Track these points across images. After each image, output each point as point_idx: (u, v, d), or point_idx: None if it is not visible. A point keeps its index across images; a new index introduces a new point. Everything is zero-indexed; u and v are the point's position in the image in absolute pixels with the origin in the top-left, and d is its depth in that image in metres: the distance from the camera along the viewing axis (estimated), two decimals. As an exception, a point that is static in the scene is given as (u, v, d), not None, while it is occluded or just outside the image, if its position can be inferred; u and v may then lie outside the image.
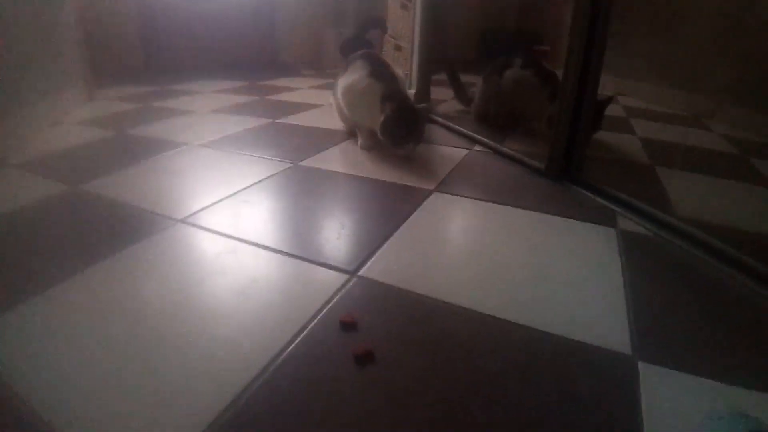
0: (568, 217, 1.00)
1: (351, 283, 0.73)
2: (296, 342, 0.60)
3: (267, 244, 0.85)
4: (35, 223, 0.94)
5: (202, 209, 0.99)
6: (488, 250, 0.86)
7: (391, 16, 2.47)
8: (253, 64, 3.27)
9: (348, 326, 0.63)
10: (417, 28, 1.91)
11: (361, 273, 0.76)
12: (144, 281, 0.74)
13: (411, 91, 2.00)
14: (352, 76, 1.41)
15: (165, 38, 3.01)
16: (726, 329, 0.66)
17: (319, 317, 0.65)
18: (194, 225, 0.93)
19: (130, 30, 2.87)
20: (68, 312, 0.66)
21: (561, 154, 1.18)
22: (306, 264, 0.79)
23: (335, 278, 0.74)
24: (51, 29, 1.79)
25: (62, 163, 1.30)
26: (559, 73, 1.14)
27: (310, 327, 0.63)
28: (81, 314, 0.65)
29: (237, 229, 0.91)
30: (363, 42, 3.09)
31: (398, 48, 2.41)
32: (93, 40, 2.30)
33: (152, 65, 3.00)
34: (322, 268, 0.77)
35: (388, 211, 1.01)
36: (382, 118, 1.26)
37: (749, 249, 0.83)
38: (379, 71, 1.38)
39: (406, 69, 2.25)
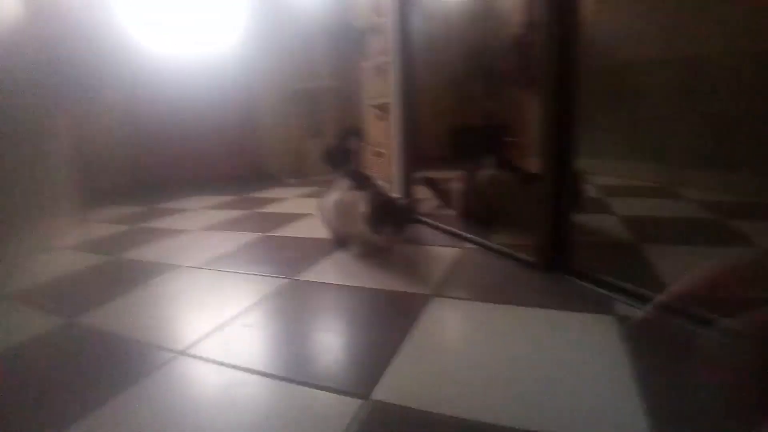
0: (567, 310, 1.01)
1: (365, 411, 0.72)
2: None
3: (274, 372, 0.84)
4: (30, 364, 0.92)
5: (203, 338, 0.98)
6: (496, 355, 0.86)
7: (369, 125, 2.64)
8: (239, 176, 3.39)
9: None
10: (396, 137, 2.03)
11: (373, 396, 0.75)
12: (150, 425, 0.71)
13: (395, 196, 2.08)
14: (339, 192, 1.51)
15: (152, 155, 3.14)
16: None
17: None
18: (196, 356, 0.91)
19: (119, 150, 2.99)
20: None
21: (549, 245, 1.22)
22: (318, 392, 0.77)
23: (349, 405, 0.73)
24: (42, 151, 1.85)
25: (56, 293, 1.30)
26: (537, 161, 1.21)
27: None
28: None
29: (241, 357, 0.90)
30: (344, 150, 3.27)
31: (378, 154, 2.54)
32: (82, 161, 2.38)
33: (140, 183, 3.08)
34: (334, 395, 0.76)
35: (391, 322, 1.01)
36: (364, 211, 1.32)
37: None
38: (362, 184, 1.47)
39: (388, 174, 2.36)
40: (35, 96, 1.83)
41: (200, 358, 0.91)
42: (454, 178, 1.93)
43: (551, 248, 1.22)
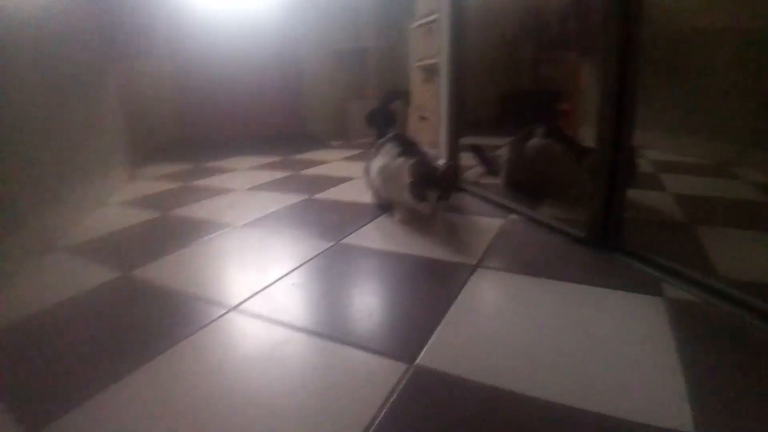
0: (614, 289, 0.99)
1: (409, 374, 0.73)
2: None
3: (321, 331, 0.87)
4: (88, 314, 0.98)
5: (253, 295, 1.02)
6: (541, 329, 0.85)
7: (415, 87, 2.59)
8: (283, 136, 3.43)
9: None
10: (444, 102, 1.99)
11: (418, 361, 0.76)
12: (203, 376, 0.75)
13: (441, 162, 2.06)
14: (384, 157, 1.49)
15: (199, 114, 3.20)
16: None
17: (383, 412, 0.65)
18: (247, 313, 0.95)
19: (167, 107, 3.07)
20: (129, 413, 0.68)
21: (600, 221, 1.19)
22: (363, 353, 0.80)
23: (394, 368, 0.75)
24: (96, 110, 1.92)
25: (111, 247, 1.37)
26: (594, 132, 1.16)
27: (375, 425, 0.63)
28: (143, 415, 0.67)
29: (290, 315, 0.93)
30: (387, 113, 3.23)
31: (423, 118, 2.50)
32: (132, 118, 2.46)
33: (187, 141, 3.17)
34: (380, 357, 0.78)
35: (435, 291, 1.02)
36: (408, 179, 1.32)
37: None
38: (409, 150, 1.45)
39: (433, 139, 2.32)
40: (85, 54, 1.88)
41: (250, 314, 0.95)
42: (502, 146, 1.89)
43: (602, 224, 1.19)
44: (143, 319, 0.95)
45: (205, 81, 3.19)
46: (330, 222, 1.51)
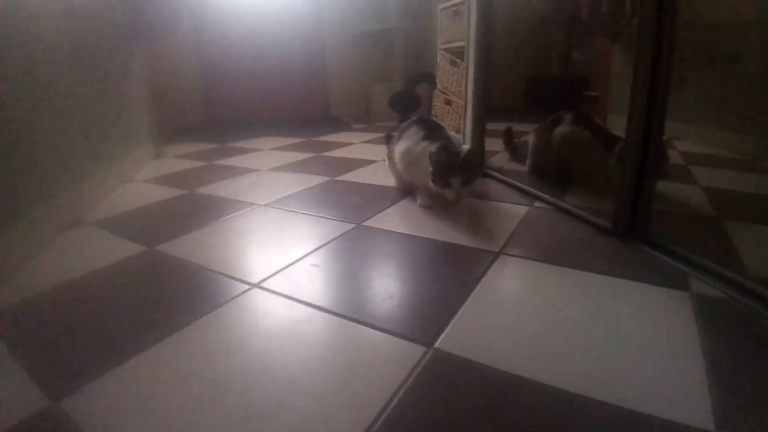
0: (639, 281, 0.97)
1: (428, 357, 0.74)
2: (379, 422, 0.61)
3: (341, 312, 0.87)
4: (115, 287, 1.01)
5: (275, 273, 1.03)
6: (563, 319, 0.84)
7: (440, 71, 2.55)
8: (306, 118, 3.43)
9: None
10: (470, 86, 1.96)
11: (437, 345, 0.76)
12: (225, 351, 0.77)
13: (465, 147, 2.03)
14: (408, 141, 1.47)
15: (223, 94, 3.22)
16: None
17: (401, 393, 0.65)
18: (269, 290, 0.96)
19: (191, 86, 3.09)
20: (151, 384, 0.69)
21: (627, 212, 1.16)
22: (382, 334, 0.80)
23: (413, 351, 0.75)
24: (122, 88, 1.95)
25: (137, 222, 1.40)
26: (622, 121, 1.13)
27: (392, 405, 0.63)
28: (164, 386, 0.69)
29: (311, 294, 0.94)
30: (412, 96, 3.20)
31: (448, 102, 2.47)
32: (157, 97, 2.49)
33: (211, 120, 3.19)
34: (398, 339, 0.78)
35: (456, 276, 1.02)
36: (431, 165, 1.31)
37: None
38: (433, 134, 1.43)
39: (459, 124, 2.29)
40: (112, 32, 1.90)
41: (272, 291, 0.96)
42: (528, 132, 1.86)
43: (629, 215, 1.16)
44: (167, 292, 0.97)
45: (229, 62, 3.20)
46: (352, 204, 1.51)
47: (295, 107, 3.45)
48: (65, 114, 1.41)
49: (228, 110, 3.27)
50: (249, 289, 0.97)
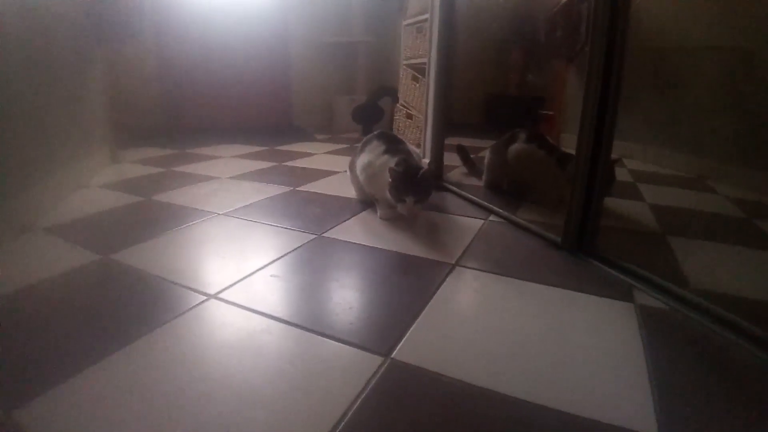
0: (587, 293, 1.02)
1: (385, 367, 0.75)
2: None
3: (300, 323, 0.88)
4: (68, 297, 0.97)
5: (233, 284, 1.03)
6: (514, 329, 0.88)
7: (403, 85, 2.60)
8: (269, 127, 3.40)
9: None
10: (431, 101, 2.01)
11: (394, 355, 0.78)
12: (181, 362, 0.76)
13: (425, 161, 2.08)
14: (369, 155, 1.51)
15: (185, 100, 3.15)
16: (744, 406, 0.68)
17: (358, 403, 0.67)
18: (226, 301, 0.95)
19: (152, 91, 3.01)
20: (105, 396, 0.67)
21: (576, 227, 1.22)
22: (340, 345, 0.81)
23: (370, 361, 0.77)
24: (80, 92, 1.89)
25: (91, 230, 1.35)
26: (574, 139, 1.19)
27: (349, 415, 0.64)
28: (119, 398, 0.67)
29: (269, 305, 0.94)
30: (375, 109, 3.23)
31: (410, 116, 2.52)
32: (116, 101, 2.42)
33: (172, 127, 3.12)
34: (356, 350, 0.80)
35: (413, 287, 1.04)
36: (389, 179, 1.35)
37: (757, 317, 0.87)
38: (394, 148, 1.47)
39: (419, 138, 2.34)
40: (71, 37, 1.84)
41: (230, 302, 0.95)
42: (486, 149, 1.92)
43: (578, 230, 1.22)
44: (121, 303, 0.95)
45: (192, 68, 3.14)
46: (312, 215, 1.51)
47: (258, 115, 3.42)
48: (18, 117, 1.35)
49: (189, 116, 3.20)
50: (206, 300, 0.96)
